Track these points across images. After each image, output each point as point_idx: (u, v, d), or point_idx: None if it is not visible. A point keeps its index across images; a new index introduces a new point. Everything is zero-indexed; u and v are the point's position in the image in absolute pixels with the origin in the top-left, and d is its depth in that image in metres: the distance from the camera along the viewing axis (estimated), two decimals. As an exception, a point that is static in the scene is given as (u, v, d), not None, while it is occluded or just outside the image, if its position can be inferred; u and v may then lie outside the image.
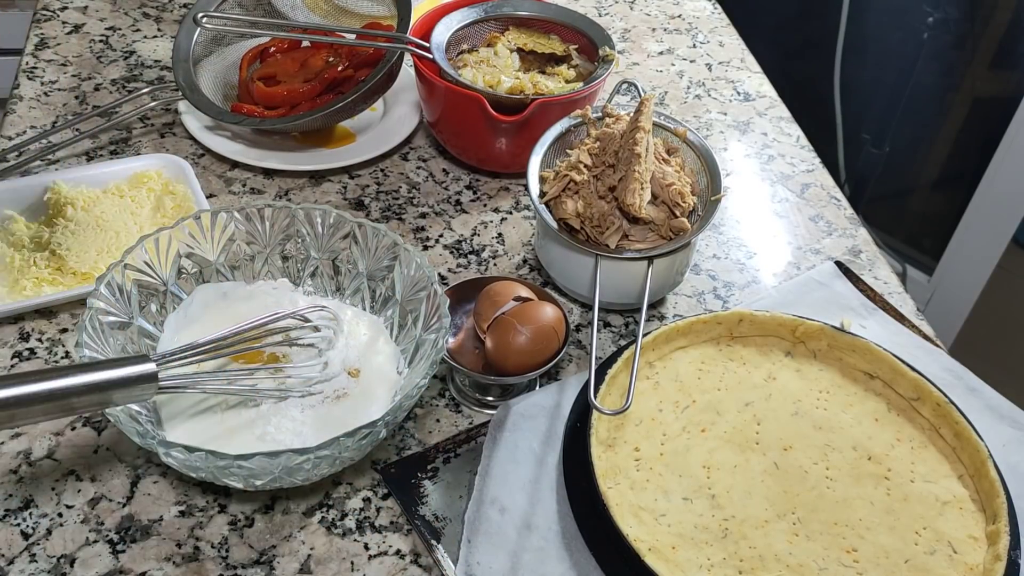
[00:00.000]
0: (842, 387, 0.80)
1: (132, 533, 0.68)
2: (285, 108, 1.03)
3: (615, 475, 0.71)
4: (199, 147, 1.03)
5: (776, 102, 1.21)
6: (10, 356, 0.80)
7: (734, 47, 1.32)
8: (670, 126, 0.90)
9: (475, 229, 0.97)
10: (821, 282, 0.92)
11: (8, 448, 0.73)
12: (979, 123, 1.98)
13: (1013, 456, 0.76)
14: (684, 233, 0.83)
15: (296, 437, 0.70)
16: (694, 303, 0.91)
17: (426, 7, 1.08)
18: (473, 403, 0.79)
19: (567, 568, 0.67)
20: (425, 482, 0.72)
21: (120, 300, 0.73)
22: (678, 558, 0.66)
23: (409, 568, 0.68)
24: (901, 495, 0.71)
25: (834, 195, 1.07)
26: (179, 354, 0.68)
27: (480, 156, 1.03)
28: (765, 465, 0.73)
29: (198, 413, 0.72)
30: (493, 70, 1.01)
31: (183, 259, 0.78)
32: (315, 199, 0.99)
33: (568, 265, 0.86)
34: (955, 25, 1.94)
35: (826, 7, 2.02)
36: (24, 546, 0.67)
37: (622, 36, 1.31)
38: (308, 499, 0.71)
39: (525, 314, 0.76)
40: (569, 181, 0.84)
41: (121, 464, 0.72)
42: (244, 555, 0.67)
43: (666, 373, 0.79)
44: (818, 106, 2.10)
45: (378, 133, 1.07)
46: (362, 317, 0.81)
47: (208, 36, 1.07)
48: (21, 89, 1.09)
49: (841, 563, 0.67)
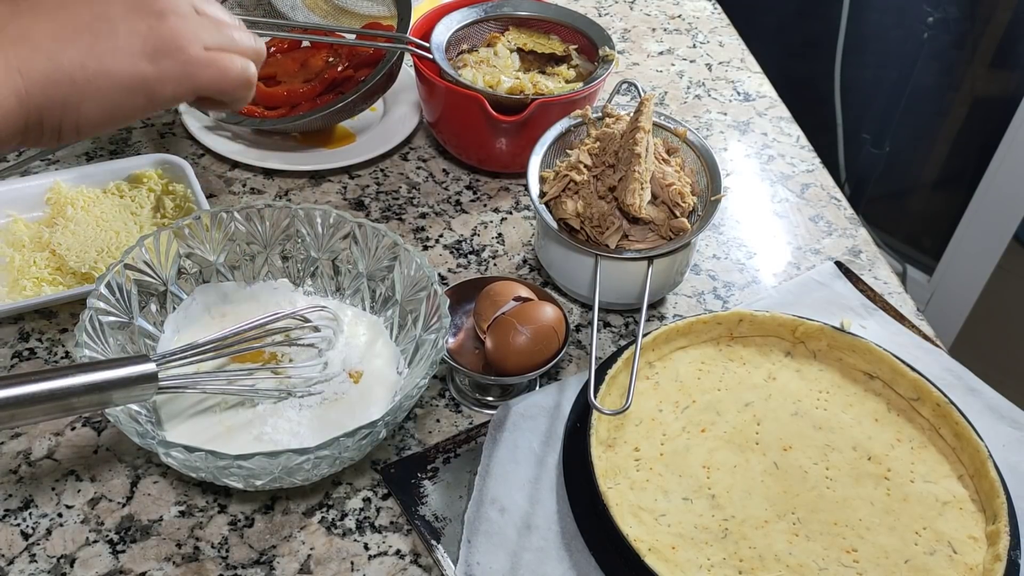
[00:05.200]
0: (842, 387, 0.80)
1: (132, 533, 0.68)
2: (285, 108, 1.03)
3: (615, 475, 0.71)
4: (199, 147, 1.03)
5: (776, 102, 1.21)
6: (10, 356, 0.80)
7: (734, 47, 1.32)
8: (670, 126, 0.90)
9: (475, 229, 0.97)
10: (821, 282, 0.92)
11: (8, 448, 0.73)
12: (979, 123, 1.99)
13: (1013, 456, 0.76)
14: (684, 233, 0.83)
15: (293, 437, 0.71)
16: (694, 303, 0.91)
17: (426, 7, 1.08)
18: (473, 403, 0.79)
19: (567, 568, 0.67)
20: (425, 482, 0.72)
21: (120, 300, 0.73)
22: (678, 558, 0.66)
23: (409, 568, 0.68)
24: (901, 495, 0.71)
25: (834, 195, 1.07)
26: (179, 354, 0.68)
27: (480, 156, 1.03)
28: (765, 465, 0.73)
29: (198, 413, 0.72)
30: (493, 70, 1.01)
31: (183, 259, 0.78)
32: (315, 199, 0.99)
33: (568, 265, 0.86)
34: (955, 25, 1.94)
35: (826, 7, 2.02)
36: (24, 546, 0.67)
37: (622, 36, 1.31)
38: (308, 499, 0.71)
39: (525, 314, 0.76)
40: (569, 181, 0.84)
41: (121, 464, 0.72)
42: (244, 555, 0.67)
43: (666, 373, 0.79)
44: (818, 106, 2.10)
45: (378, 133, 1.07)
46: (362, 317, 0.81)
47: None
48: (21, 89, 1.09)
49: (841, 563, 0.67)
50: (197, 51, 0.52)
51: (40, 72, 0.48)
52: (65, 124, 0.50)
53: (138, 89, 0.51)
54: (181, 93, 0.53)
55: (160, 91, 0.52)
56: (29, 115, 0.49)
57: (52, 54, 0.48)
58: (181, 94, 0.53)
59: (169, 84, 0.52)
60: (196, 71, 0.52)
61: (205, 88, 0.53)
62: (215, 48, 0.54)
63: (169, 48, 0.51)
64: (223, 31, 0.56)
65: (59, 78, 0.49)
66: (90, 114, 0.50)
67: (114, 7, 0.51)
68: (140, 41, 0.50)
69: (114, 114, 0.51)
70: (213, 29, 0.55)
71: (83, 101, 0.50)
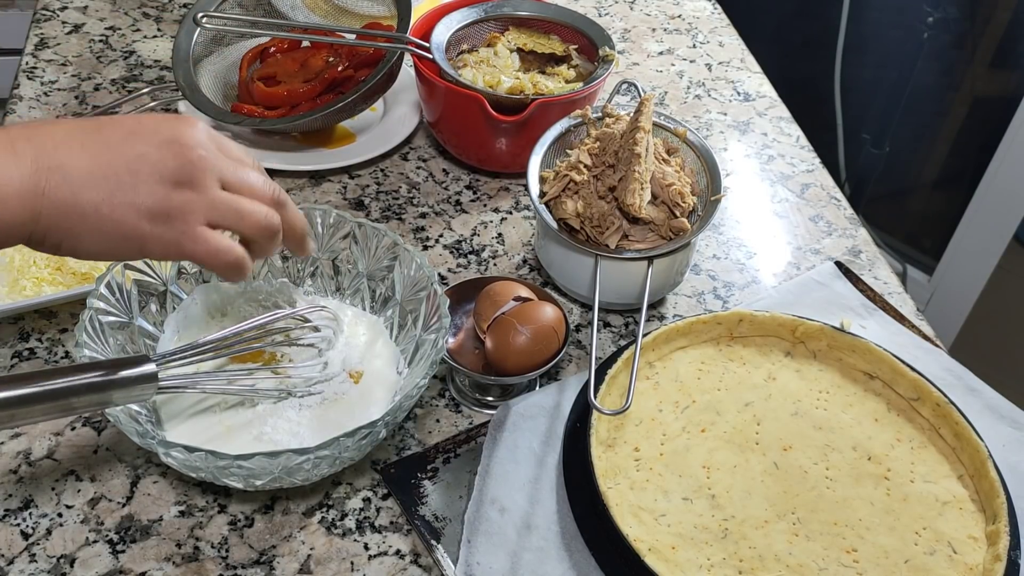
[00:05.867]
0: (842, 387, 0.80)
1: (132, 533, 0.68)
2: (285, 108, 1.03)
3: (615, 475, 0.71)
4: (199, 147, 1.03)
5: (776, 102, 1.21)
6: (10, 356, 0.80)
7: (734, 47, 1.32)
8: (670, 126, 0.90)
9: (475, 229, 0.97)
10: (821, 282, 0.92)
11: (8, 448, 0.73)
12: (979, 123, 1.98)
13: (1013, 456, 0.76)
14: (684, 233, 0.83)
15: (293, 437, 0.71)
16: (694, 303, 0.91)
17: (426, 7, 1.08)
18: (473, 403, 0.79)
19: (567, 568, 0.67)
20: (425, 482, 0.72)
21: (120, 300, 0.73)
22: (678, 558, 0.66)
23: (409, 568, 0.68)
24: (901, 495, 0.71)
25: (834, 195, 1.07)
26: (179, 354, 0.68)
27: (480, 156, 1.03)
28: (765, 465, 0.73)
29: (198, 413, 0.72)
30: (493, 70, 1.01)
31: (183, 259, 0.78)
32: (315, 199, 0.99)
33: (568, 265, 0.86)
34: (955, 25, 1.94)
35: (826, 7, 2.02)
36: (24, 546, 0.67)
37: (622, 36, 1.31)
38: (308, 499, 0.71)
39: (525, 314, 0.76)
40: (569, 181, 0.84)
41: (121, 464, 0.72)
42: (244, 555, 0.67)
43: (666, 373, 0.79)
44: (818, 106, 2.10)
45: (378, 133, 1.07)
46: (362, 317, 0.81)
47: (208, 36, 1.07)
48: (21, 89, 1.09)
49: (841, 563, 0.67)
50: (194, 226, 0.57)
51: (61, 201, 0.53)
52: (63, 247, 0.55)
53: (134, 241, 0.56)
54: (170, 256, 0.58)
55: (151, 250, 0.57)
56: (35, 231, 0.54)
57: (78, 190, 0.54)
58: (171, 257, 0.58)
59: (159, 246, 0.57)
60: (185, 244, 0.57)
61: (192, 260, 0.58)
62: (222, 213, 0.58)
63: (172, 217, 0.56)
64: (240, 174, 0.60)
65: (74, 212, 0.54)
66: (88, 247, 0.56)
67: (149, 144, 0.56)
68: (152, 202, 0.55)
69: (108, 254, 0.57)
70: (231, 174, 0.59)
71: (86, 235, 0.55)
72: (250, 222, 0.59)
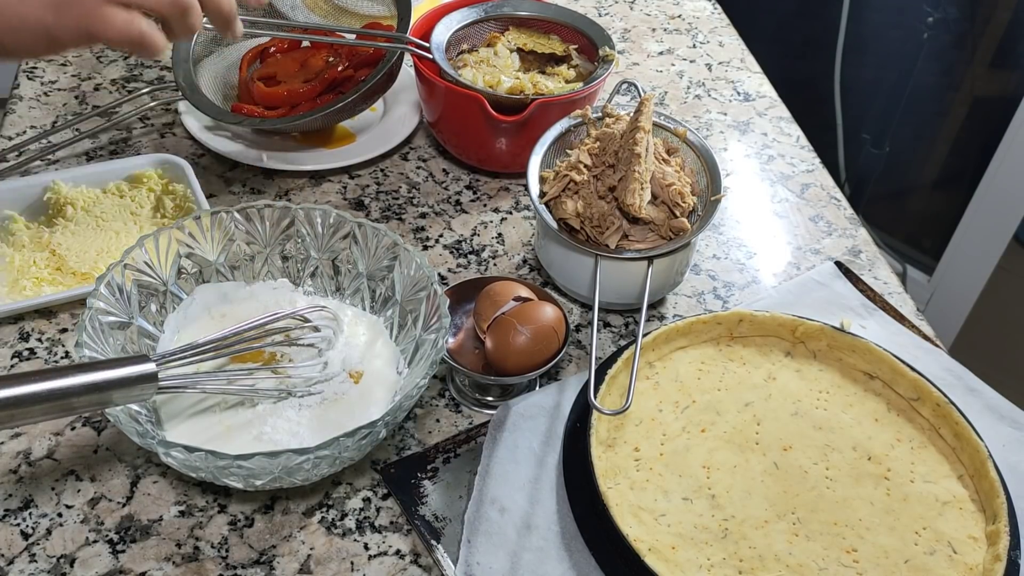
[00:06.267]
0: (842, 387, 0.80)
1: (132, 533, 0.68)
2: (285, 108, 1.03)
3: (615, 475, 0.71)
4: (199, 147, 1.03)
5: (776, 102, 1.21)
6: (10, 356, 0.80)
7: (734, 47, 1.32)
8: (670, 126, 0.90)
9: (475, 229, 0.97)
10: (821, 282, 0.92)
11: (8, 448, 0.73)
12: (979, 123, 1.98)
13: (1013, 456, 0.76)
14: (684, 233, 0.83)
15: (293, 437, 0.71)
16: (694, 303, 0.91)
17: (426, 7, 1.08)
18: (473, 403, 0.79)
19: (567, 568, 0.67)
20: (425, 482, 0.72)
21: (120, 300, 0.73)
22: (678, 558, 0.66)
23: (409, 568, 0.68)
24: (901, 495, 0.71)
25: (834, 195, 1.07)
26: (179, 354, 0.68)
27: (480, 156, 1.03)
28: (765, 465, 0.73)
29: (198, 413, 0.72)
30: (493, 70, 1.01)
31: (183, 259, 0.78)
32: (315, 199, 0.99)
33: (568, 265, 0.86)
34: (955, 25, 1.94)
35: (826, 7, 2.02)
36: (24, 546, 0.67)
37: (622, 36, 1.31)
38: (308, 499, 0.71)
39: (525, 314, 0.76)
40: (569, 181, 0.84)
41: (121, 464, 0.72)
42: (244, 555, 0.67)
43: (666, 373, 0.79)
44: (818, 106, 2.10)
45: (378, 133, 1.07)
46: (362, 317, 0.81)
47: (208, 36, 1.07)
48: (21, 89, 1.09)
49: (841, 563, 0.67)
50: (97, 8, 0.62)
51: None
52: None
53: (41, 33, 0.62)
54: (82, 42, 0.64)
55: (61, 38, 0.62)
56: None
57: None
58: (82, 43, 0.63)
59: (67, 34, 0.62)
60: (92, 26, 0.62)
61: (103, 42, 0.63)
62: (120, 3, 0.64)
63: (72, 2, 0.61)
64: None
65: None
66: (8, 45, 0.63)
67: None
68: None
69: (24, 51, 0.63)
70: None
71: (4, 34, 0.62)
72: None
